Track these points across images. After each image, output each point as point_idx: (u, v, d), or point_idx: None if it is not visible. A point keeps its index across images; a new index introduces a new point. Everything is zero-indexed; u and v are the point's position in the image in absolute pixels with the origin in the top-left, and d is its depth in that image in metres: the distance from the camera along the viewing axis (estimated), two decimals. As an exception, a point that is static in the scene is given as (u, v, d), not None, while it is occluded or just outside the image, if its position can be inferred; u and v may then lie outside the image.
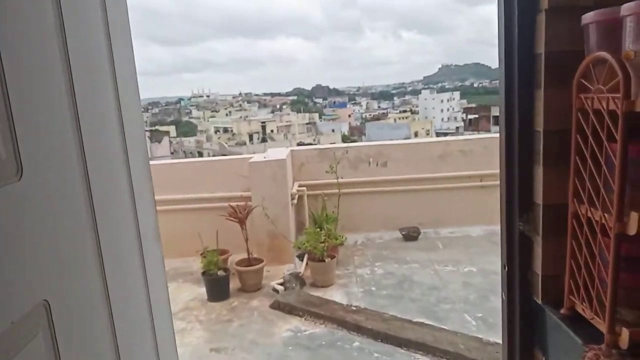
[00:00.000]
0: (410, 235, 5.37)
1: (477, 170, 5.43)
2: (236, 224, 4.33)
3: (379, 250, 5.20)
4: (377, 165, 5.21)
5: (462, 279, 4.28)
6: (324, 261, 4.29)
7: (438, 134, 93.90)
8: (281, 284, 4.28)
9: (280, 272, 4.64)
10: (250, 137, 69.61)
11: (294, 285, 4.26)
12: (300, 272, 4.43)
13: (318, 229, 4.82)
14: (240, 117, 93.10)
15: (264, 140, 70.76)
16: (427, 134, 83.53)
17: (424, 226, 5.53)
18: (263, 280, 4.44)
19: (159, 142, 41.63)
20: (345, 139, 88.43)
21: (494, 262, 4.62)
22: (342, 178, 5.37)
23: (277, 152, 5.25)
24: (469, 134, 68.45)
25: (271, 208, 4.63)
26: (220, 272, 4.23)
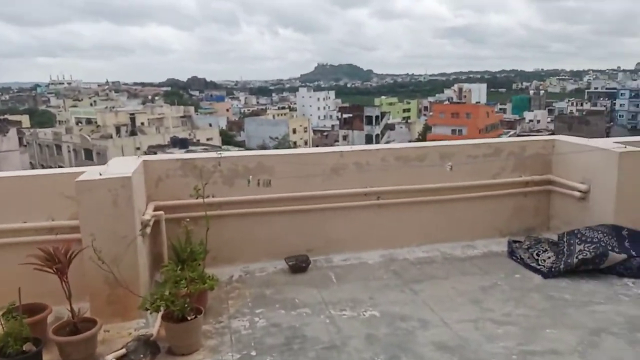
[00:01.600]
0: (299, 266, 4.40)
1: (374, 187, 4.64)
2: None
3: (260, 288, 4.15)
4: (258, 184, 4.16)
5: (364, 330, 3.41)
6: (187, 320, 3.12)
7: (315, 131, 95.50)
8: (123, 357, 3.04)
9: (125, 333, 3.38)
10: (118, 129, 64.00)
11: (141, 355, 3.04)
12: (152, 335, 3.21)
13: (180, 268, 3.64)
14: (107, 107, 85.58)
15: (133, 133, 65.57)
16: (305, 131, 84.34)
17: (314, 253, 4.61)
18: (98, 348, 3.15)
19: (4, 134, 35.96)
20: (223, 133, 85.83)
21: (398, 301, 3.84)
22: (213, 197, 4.22)
23: (123, 164, 3.90)
24: (344, 132, 70.26)
25: (110, 245, 3.33)
26: (28, 346, 2.86)
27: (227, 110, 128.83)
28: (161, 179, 4.22)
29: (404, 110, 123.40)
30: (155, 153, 48.74)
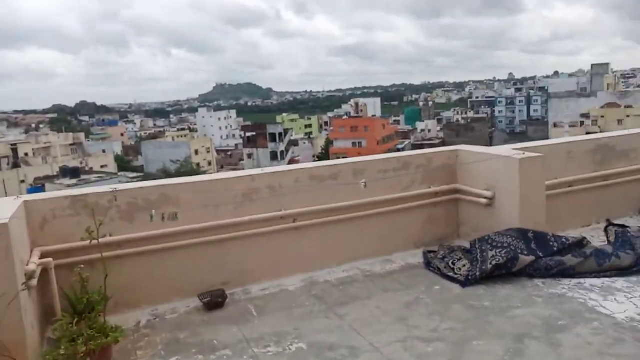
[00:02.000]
0: (214, 302, 4.06)
1: (289, 210, 4.44)
2: None
3: (173, 332, 3.74)
4: (163, 219, 3.77)
5: (292, 367, 3.17)
6: (86, 385, 2.68)
7: (218, 151, 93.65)
8: None
9: (10, 410, 2.84)
10: (-4, 162, 58.05)
11: None
12: (45, 408, 2.73)
13: (76, 322, 3.17)
14: (-19, 139, 77.42)
15: (15, 165, 59.81)
16: (208, 152, 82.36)
17: (230, 286, 4.29)
18: None
19: None
20: (119, 159, 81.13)
21: (324, 329, 3.65)
22: (110, 236, 3.77)
23: (-2, 208, 3.34)
24: (248, 151, 69.67)
25: (-15, 306, 2.80)
26: None
27: (122, 134, 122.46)
28: (47, 220, 3.69)
29: (306, 126, 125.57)
30: (42, 185, 44.65)
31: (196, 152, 77.28)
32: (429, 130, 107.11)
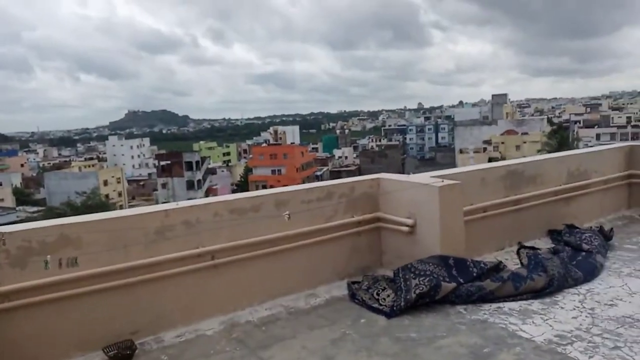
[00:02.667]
0: (122, 355, 3.63)
1: (207, 246, 4.15)
2: None
3: (72, 393, 3.28)
4: (60, 265, 3.34)
5: (213, 423, 2.86)
6: None
7: (130, 182, 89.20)
8: None
9: None
10: None
11: None
12: None
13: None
14: None
15: None
16: (118, 182, 78.10)
17: (140, 334, 3.87)
18: None
19: None
20: (18, 192, 74.50)
21: (248, 376, 3.37)
22: (-3, 286, 3.26)
23: None
24: (163, 180, 66.95)
25: None
26: None
27: (22, 165, 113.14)
28: None
29: (224, 154, 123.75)
30: None
31: (105, 183, 73.07)
32: (346, 157, 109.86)
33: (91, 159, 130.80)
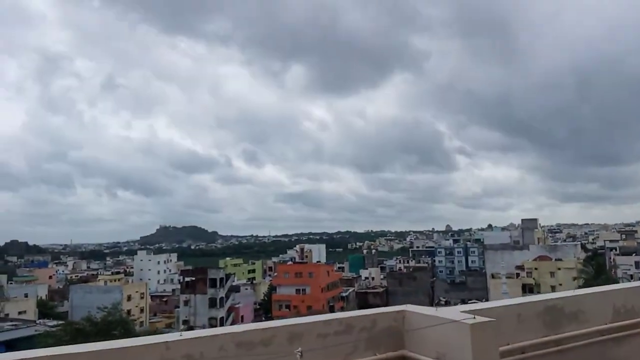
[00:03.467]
0: None
1: (210, 385, 3.70)
2: None
3: None
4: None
5: None
6: None
7: (153, 297, 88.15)
8: None
9: None
10: None
11: None
12: None
13: None
14: None
15: None
16: (142, 298, 77.21)
17: None
18: None
19: None
20: (42, 304, 74.14)
21: None
22: None
23: None
24: (185, 297, 65.81)
25: None
26: None
27: (50, 277, 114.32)
28: None
29: (249, 271, 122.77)
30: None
31: (129, 298, 72.44)
32: (373, 278, 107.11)
33: (118, 272, 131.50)
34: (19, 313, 59.97)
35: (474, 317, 4.17)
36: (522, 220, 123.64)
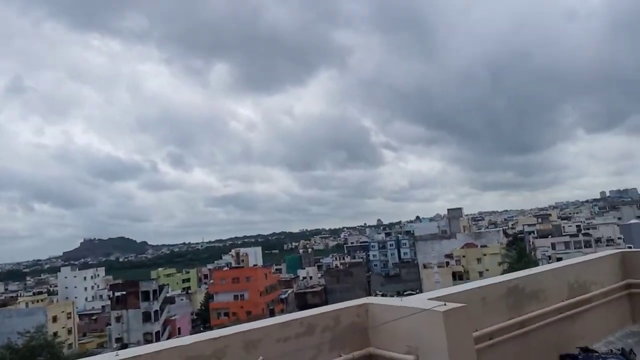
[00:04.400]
0: None
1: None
2: None
3: None
4: None
5: None
6: None
7: (82, 316, 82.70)
8: None
9: None
10: None
11: None
12: None
13: None
14: None
15: None
16: (69, 318, 72.12)
17: None
18: None
19: None
20: (-48, 335, 67.12)
21: None
22: None
23: None
24: (117, 313, 62.21)
25: None
26: None
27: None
28: None
29: (184, 281, 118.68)
30: None
31: (54, 319, 67.42)
32: (311, 277, 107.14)
33: (40, 292, 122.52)
34: None
35: (445, 304, 3.87)
36: (448, 210, 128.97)
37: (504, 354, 4.80)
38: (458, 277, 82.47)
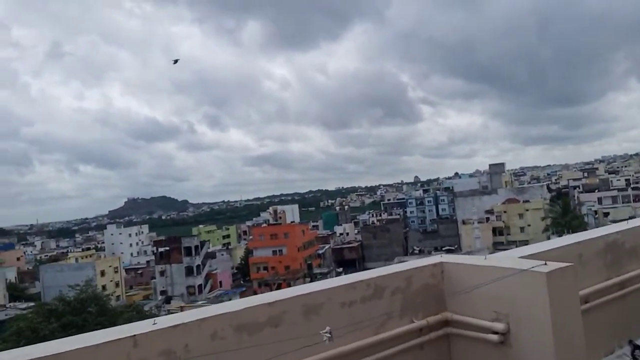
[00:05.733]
0: None
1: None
2: None
3: None
4: None
5: None
6: None
7: (128, 270, 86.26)
8: None
9: None
10: None
11: None
12: None
13: None
14: None
15: None
16: (116, 272, 75.26)
17: None
18: None
19: None
20: (12, 287, 71.35)
21: None
22: None
23: None
24: (161, 267, 64.42)
25: None
26: None
27: (18, 259, 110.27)
28: None
29: (224, 237, 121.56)
30: None
31: (102, 273, 70.45)
32: (347, 234, 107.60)
33: (89, 249, 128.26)
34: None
35: (545, 263, 3.15)
36: (490, 165, 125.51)
37: (600, 320, 4.09)
38: (498, 232, 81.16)
